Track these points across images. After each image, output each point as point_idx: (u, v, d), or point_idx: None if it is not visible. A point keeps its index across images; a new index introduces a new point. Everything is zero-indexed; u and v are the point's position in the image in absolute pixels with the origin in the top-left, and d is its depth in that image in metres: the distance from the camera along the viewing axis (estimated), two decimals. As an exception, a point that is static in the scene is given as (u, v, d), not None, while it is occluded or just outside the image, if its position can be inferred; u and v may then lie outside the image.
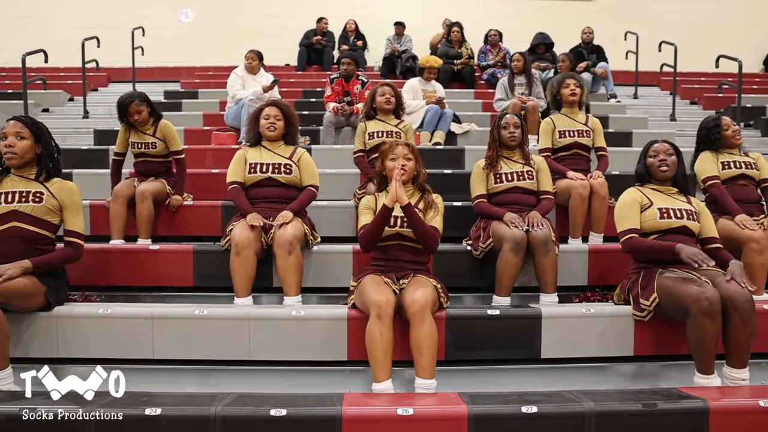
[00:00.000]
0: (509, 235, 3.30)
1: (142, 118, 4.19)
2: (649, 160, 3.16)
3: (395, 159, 3.06)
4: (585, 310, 3.03)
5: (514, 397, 2.43)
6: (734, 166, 3.74)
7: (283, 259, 3.28)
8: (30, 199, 2.93)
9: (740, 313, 2.64)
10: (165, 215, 4.23)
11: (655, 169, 3.13)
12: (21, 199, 2.92)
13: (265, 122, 3.62)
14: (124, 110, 4.19)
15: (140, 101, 4.17)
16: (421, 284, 2.83)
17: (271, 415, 2.29)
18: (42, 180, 2.98)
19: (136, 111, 4.16)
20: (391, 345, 2.66)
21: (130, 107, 4.15)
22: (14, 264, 2.78)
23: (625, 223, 3.04)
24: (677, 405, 2.38)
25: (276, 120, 3.62)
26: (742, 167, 3.74)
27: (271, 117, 3.62)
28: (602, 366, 3.02)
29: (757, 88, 8.69)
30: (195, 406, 2.36)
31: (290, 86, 7.77)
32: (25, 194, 2.94)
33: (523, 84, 6.18)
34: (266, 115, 3.63)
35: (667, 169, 3.11)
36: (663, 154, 3.12)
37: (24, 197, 2.93)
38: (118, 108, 4.24)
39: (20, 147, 2.91)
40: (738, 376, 2.69)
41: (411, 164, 3.08)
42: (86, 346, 2.98)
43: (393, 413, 2.30)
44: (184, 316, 2.99)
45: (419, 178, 3.13)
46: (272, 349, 2.97)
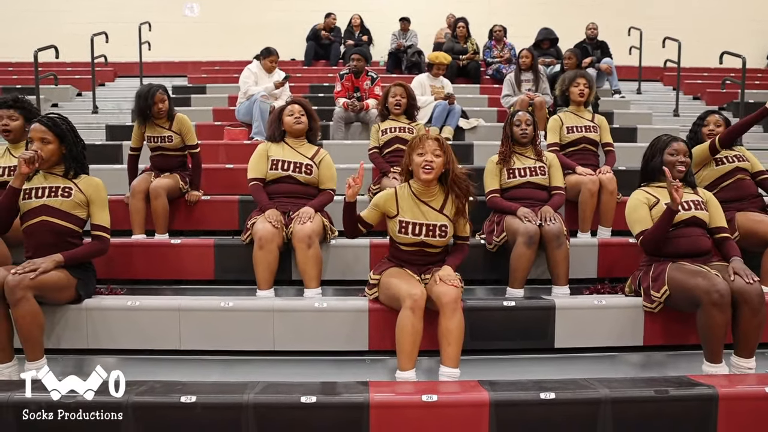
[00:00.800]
0: (523, 229, 3.41)
1: (165, 108, 4.25)
2: (668, 158, 3.18)
3: (423, 154, 2.91)
4: (597, 302, 3.15)
5: (532, 385, 2.54)
6: (727, 161, 3.80)
7: (303, 252, 3.38)
8: (59, 194, 3.03)
9: (750, 305, 2.75)
10: (182, 210, 4.33)
11: (671, 168, 3.15)
12: (50, 194, 3.02)
13: (290, 118, 3.70)
14: (149, 99, 4.20)
15: (164, 91, 4.28)
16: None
17: (302, 402, 2.39)
18: (70, 177, 3.08)
19: (160, 100, 4.22)
20: (420, 337, 2.74)
21: (156, 95, 4.21)
22: (47, 258, 2.88)
23: (639, 227, 3.11)
24: (687, 392, 2.49)
25: (300, 115, 3.71)
26: (734, 161, 3.80)
27: (295, 112, 3.71)
28: (613, 355, 3.13)
29: (759, 84, 8.79)
30: (228, 394, 2.47)
31: (297, 81, 7.84)
32: (54, 189, 3.03)
33: (530, 80, 6.27)
34: (290, 111, 3.72)
35: (683, 171, 3.17)
36: (682, 156, 3.17)
37: (53, 192, 3.03)
38: (139, 98, 4.25)
39: (46, 152, 2.98)
40: (745, 365, 2.81)
41: (439, 160, 2.91)
42: (115, 337, 3.09)
43: (418, 400, 2.41)
44: (210, 308, 3.09)
45: (449, 176, 2.94)
46: (295, 339, 3.08)
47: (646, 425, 2.45)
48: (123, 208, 4.18)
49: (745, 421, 2.46)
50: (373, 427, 2.38)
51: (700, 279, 2.79)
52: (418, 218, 2.94)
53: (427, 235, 2.94)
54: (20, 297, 2.67)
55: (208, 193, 4.59)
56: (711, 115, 3.94)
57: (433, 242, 2.97)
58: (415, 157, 2.94)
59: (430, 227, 2.93)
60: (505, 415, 2.40)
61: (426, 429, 2.40)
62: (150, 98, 4.20)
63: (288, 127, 3.72)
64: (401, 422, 2.41)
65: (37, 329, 2.79)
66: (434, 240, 2.96)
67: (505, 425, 2.40)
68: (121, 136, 6.02)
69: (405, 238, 2.96)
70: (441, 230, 2.94)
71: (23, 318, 2.71)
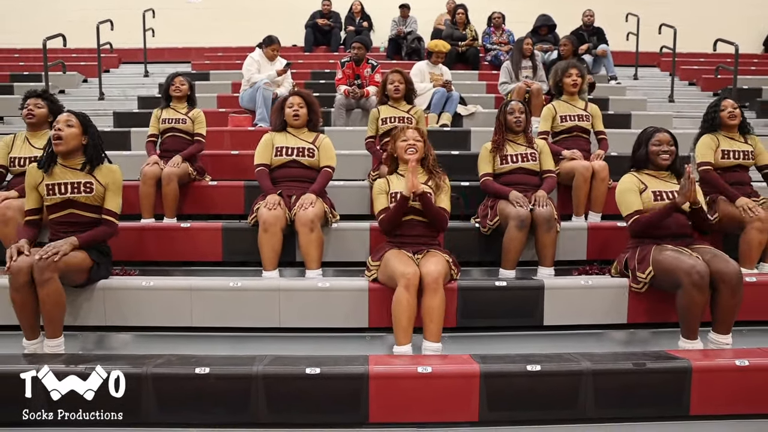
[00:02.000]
0: (514, 213, 3.59)
1: (184, 90, 4.81)
2: (652, 148, 3.35)
3: (406, 140, 3.34)
4: (584, 282, 3.35)
5: (520, 358, 2.74)
6: (732, 156, 3.94)
7: (305, 236, 3.57)
8: (81, 190, 3.19)
9: (729, 285, 2.95)
10: (190, 195, 4.52)
11: (655, 157, 3.33)
12: (74, 190, 3.19)
13: (289, 111, 3.90)
14: (170, 79, 4.88)
15: (185, 77, 4.92)
16: (436, 258, 3.11)
17: (307, 373, 2.60)
18: (87, 171, 3.23)
19: (180, 82, 4.82)
20: (415, 313, 2.96)
21: (177, 78, 4.85)
22: (64, 240, 3.07)
23: (629, 208, 3.29)
24: (663, 364, 2.70)
25: (299, 107, 3.89)
26: (739, 158, 3.95)
27: (294, 105, 3.90)
28: (599, 332, 3.33)
29: (755, 69, 8.86)
30: (239, 366, 2.67)
31: (299, 68, 7.95)
32: (76, 185, 3.19)
33: (528, 67, 6.41)
34: (290, 104, 3.91)
35: (667, 159, 3.34)
36: (666, 145, 3.34)
37: (76, 188, 3.19)
38: (165, 82, 4.92)
39: (67, 133, 3.16)
40: (722, 340, 3.01)
41: (420, 145, 3.34)
42: (130, 315, 3.29)
43: (414, 371, 2.62)
44: (220, 288, 3.28)
45: (428, 160, 3.38)
46: (300, 317, 3.28)
47: (625, 395, 2.65)
48: (133, 194, 4.35)
49: (717, 392, 2.66)
50: (373, 396, 2.59)
51: (681, 261, 2.98)
52: (405, 189, 3.23)
53: (415, 201, 3.22)
54: (48, 278, 2.86)
55: (215, 178, 4.79)
56: (725, 100, 4.03)
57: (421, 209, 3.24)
58: (399, 143, 3.38)
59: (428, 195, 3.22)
60: (494, 385, 2.61)
61: (421, 398, 2.61)
62: (171, 79, 4.86)
63: (287, 118, 3.92)
64: (398, 391, 2.61)
65: (59, 308, 2.98)
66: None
67: (493, 394, 2.60)
68: (129, 122, 6.19)
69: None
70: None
71: (49, 297, 2.90)
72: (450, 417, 2.63)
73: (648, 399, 2.65)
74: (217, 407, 2.62)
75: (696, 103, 7.60)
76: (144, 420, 2.62)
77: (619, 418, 2.65)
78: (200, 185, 4.57)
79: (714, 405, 2.65)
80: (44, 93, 4.07)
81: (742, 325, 3.27)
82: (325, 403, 2.62)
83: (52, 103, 4.03)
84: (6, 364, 2.77)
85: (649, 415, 2.65)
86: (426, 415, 2.62)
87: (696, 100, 7.92)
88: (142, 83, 8.64)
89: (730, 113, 3.96)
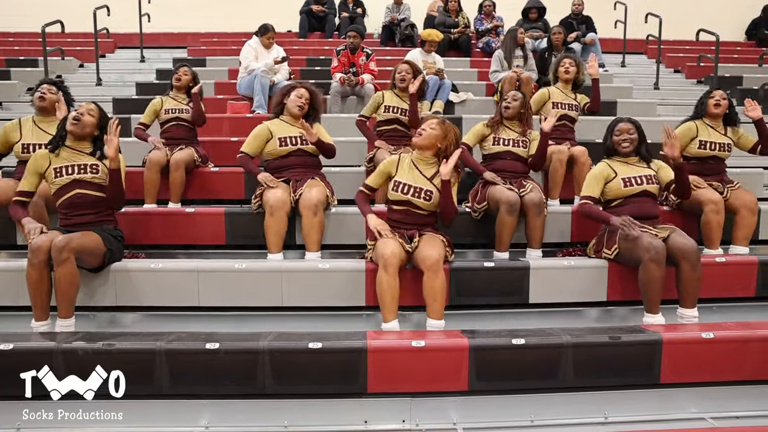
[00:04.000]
0: (504, 198, 3.80)
1: (186, 80, 4.99)
2: (614, 138, 3.67)
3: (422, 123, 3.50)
4: (566, 263, 3.59)
5: (506, 333, 2.97)
6: (708, 147, 4.15)
7: (309, 219, 3.76)
8: (88, 170, 3.39)
9: (689, 260, 3.21)
10: (194, 181, 4.70)
11: (617, 146, 3.65)
12: (80, 171, 3.38)
13: (296, 99, 4.05)
14: (175, 69, 5.08)
15: (189, 67, 5.11)
16: (433, 241, 3.31)
17: (310, 347, 2.81)
18: (97, 157, 3.43)
19: (183, 73, 5.01)
20: (397, 291, 3.17)
21: (181, 68, 5.04)
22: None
23: (587, 191, 3.58)
24: (636, 337, 2.94)
25: (306, 102, 4.07)
26: (715, 149, 4.15)
27: (303, 98, 4.06)
28: (580, 310, 3.58)
29: (737, 57, 9.06)
30: (246, 341, 2.88)
31: (294, 53, 8.03)
32: (83, 166, 3.39)
33: (519, 56, 6.58)
34: (299, 94, 4.07)
35: (628, 146, 3.62)
36: (626, 134, 3.63)
37: (82, 169, 3.38)
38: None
39: (86, 119, 3.40)
40: (690, 314, 3.27)
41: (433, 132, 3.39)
42: (140, 296, 3.48)
43: (408, 345, 2.84)
44: (225, 269, 3.48)
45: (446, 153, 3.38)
46: (302, 296, 3.48)
47: (602, 366, 2.88)
48: (135, 179, 4.51)
49: (685, 362, 2.90)
50: (371, 368, 2.80)
51: (641, 239, 3.24)
52: (408, 180, 3.40)
53: (414, 195, 3.38)
54: (65, 258, 3.05)
55: (216, 164, 4.96)
56: (717, 90, 4.28)
57: (418, 203, 3.40)
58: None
59: (417, 189, 3.38)
60: (482, 357, 2.83)
61: (415, 370, 2.83)
62: (175, 69, 5.08)
63: (290, 104, 4.06)
64: (394, 364, 2.83)
65: (73, 289, 3.17)
66: (419, 201, 3.39)
67: (481, 366, 2.83)
68: (128, 109, 6.31)
69: (395, 195, 3.43)
70: (426, 194, 3.38)
71: (65, 277, 3.08)
72: (442, 387, 2.85)
73: (622, 369, 2.88)
74: (226, 380, 2.81)
75: (680, 90, 7.82)
76: (157, 392, 2.80)
77: (596, 387, 2.89)
78: (203, 171, 4.75)
79: (682, 374, 2.90)
80: (57, 81, 4.24)
81: (711, 302, 3.54)
82: (327, 375, 2.83)
83: (66, 94, 4.18)
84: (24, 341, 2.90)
85: (623, 384, 2.89)
86: (420, 385, 2.84)
87: (681, 87, 8.14)
88: (139, 69, 8.75)
89: (716, 102, 4.17)
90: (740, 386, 2.91)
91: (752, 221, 3.97)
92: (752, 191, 4.24)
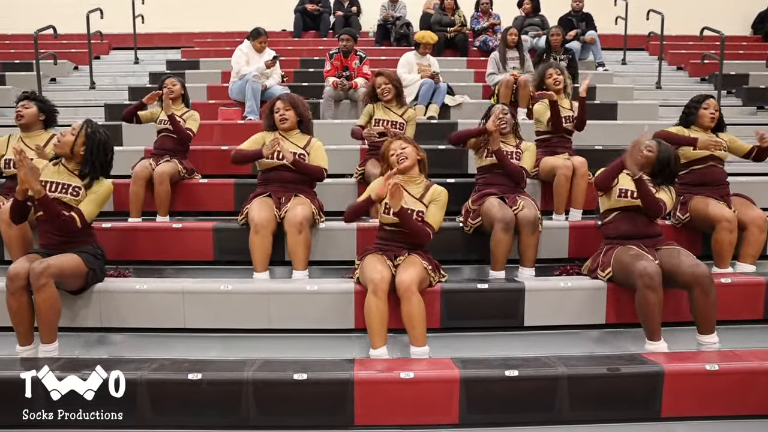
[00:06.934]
0: (500, 216, 3.66)
1: (175, 91, 4.84)
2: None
3: (393, 152, 3.40)
4: (563, 284, 3.46)
5: (499, 362, 2.86)
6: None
7: (294, 237, 3.65)
8: (69, 191, 3.28)
9: (702, 286, 3.07)
10: (181, 193, 4.59)
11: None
12: (62, 190, 3.27)
13: (276, 116, 3.94)
14: (162, 82, 4.91)
15: (176, 78, 4.97)
16: (412, 265, 3.19)
17: (295, 378, 2.72)
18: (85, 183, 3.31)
19: (171, 83, 4.85)
20: (386, 316, 3.06)
21: (167, 80, 4.89)
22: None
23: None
24: (636, 369, 2.82)
25: (285, 111, 3.93)
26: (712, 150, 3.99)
27: (280, 110, 3.93)
28: (577, 332, 3.45)
29: (743, 53, 8.85)
30: (230, 372, 2.78)
31: (288, 54, 7.90)
32: (64, 186, 3.28)
33: (515, 58, 6.44)
34: (276, 109, 3.95)
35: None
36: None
37: (64, 189, 3.28)
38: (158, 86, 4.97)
39: (63, 141, 3.30)
40: (709, 341, 3.13)
41: (408, 149, 3.38)
42: (125, 317, 3.39)
43: (397, 376, 2.74)
44: (212, 291, 3.38)
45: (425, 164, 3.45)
46: (289, 318, 3.39)
47: (599, 399, 2.77)
48: (123, 192, 4.41)
49: (687, 395, 2.78)
50: (357, 401, 2.71)
51: (635, 264, 3.12)
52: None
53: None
54: (44, 283, 2.96)
55: (204, 173, 4.85)
56: (709, 99, 4.09)
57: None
58: (390, 159, 3.42)
59: (408, 211, 3.27)
60: (474, 389, 2.73)
61: (404, 402, 2.73)
62: (162, 82, 4.91)
63: (276, 124, 3.96)
64: (382, 396, 2.74)
65: (54, 314, 3.07)
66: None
67: (473, 399, 2.73)
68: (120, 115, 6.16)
69: (387, 218, 3.33)
70: (417, 215, 3.30)
71: (45, 302, 3.00)
72: (431, 420, 2.75)
73: (621, 402, 2.77)
74: (209, 411, 2.73)
75: (683, 90, 7.61)
76: (139, 423, 2.73)
77: (594, 420, 2.78)
78: (190, 183, 4.64)
79: (684, 408, 2.78)
80: (32, 94, 4.16)
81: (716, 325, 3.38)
82: (312, 407, 2.74)
83: (41, 102, 4.11)
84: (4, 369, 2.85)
85: (622, 418, 2.78)
86: (409, 417, 2.74)
87: (683, 86, 7.95)
88: (133, 71, 8.63)
89: (712, 116, 4.03)
90: (745, 420, 2.80)
91: (761, 239, 3.81)
92: (760, 199, 4.10)
